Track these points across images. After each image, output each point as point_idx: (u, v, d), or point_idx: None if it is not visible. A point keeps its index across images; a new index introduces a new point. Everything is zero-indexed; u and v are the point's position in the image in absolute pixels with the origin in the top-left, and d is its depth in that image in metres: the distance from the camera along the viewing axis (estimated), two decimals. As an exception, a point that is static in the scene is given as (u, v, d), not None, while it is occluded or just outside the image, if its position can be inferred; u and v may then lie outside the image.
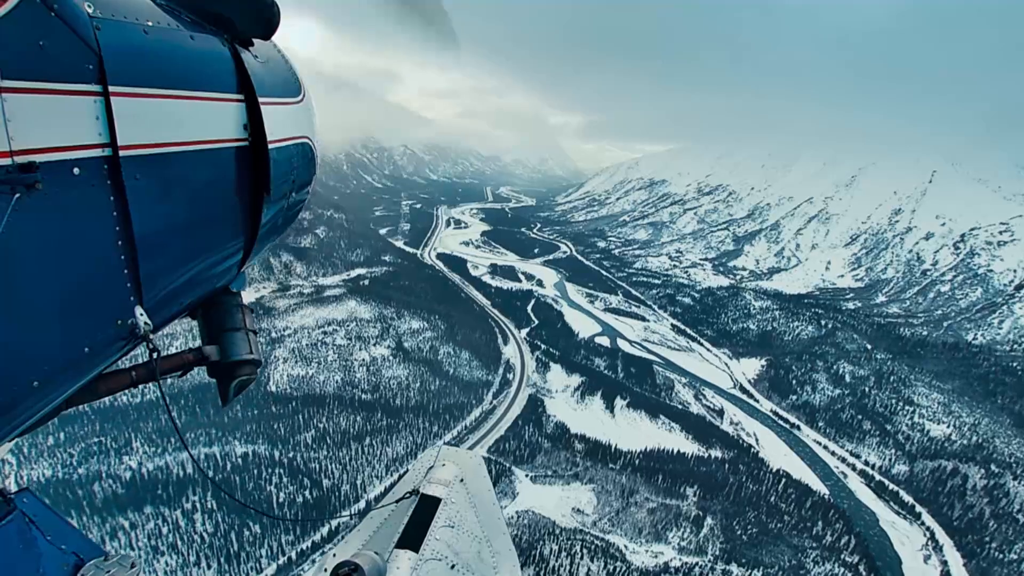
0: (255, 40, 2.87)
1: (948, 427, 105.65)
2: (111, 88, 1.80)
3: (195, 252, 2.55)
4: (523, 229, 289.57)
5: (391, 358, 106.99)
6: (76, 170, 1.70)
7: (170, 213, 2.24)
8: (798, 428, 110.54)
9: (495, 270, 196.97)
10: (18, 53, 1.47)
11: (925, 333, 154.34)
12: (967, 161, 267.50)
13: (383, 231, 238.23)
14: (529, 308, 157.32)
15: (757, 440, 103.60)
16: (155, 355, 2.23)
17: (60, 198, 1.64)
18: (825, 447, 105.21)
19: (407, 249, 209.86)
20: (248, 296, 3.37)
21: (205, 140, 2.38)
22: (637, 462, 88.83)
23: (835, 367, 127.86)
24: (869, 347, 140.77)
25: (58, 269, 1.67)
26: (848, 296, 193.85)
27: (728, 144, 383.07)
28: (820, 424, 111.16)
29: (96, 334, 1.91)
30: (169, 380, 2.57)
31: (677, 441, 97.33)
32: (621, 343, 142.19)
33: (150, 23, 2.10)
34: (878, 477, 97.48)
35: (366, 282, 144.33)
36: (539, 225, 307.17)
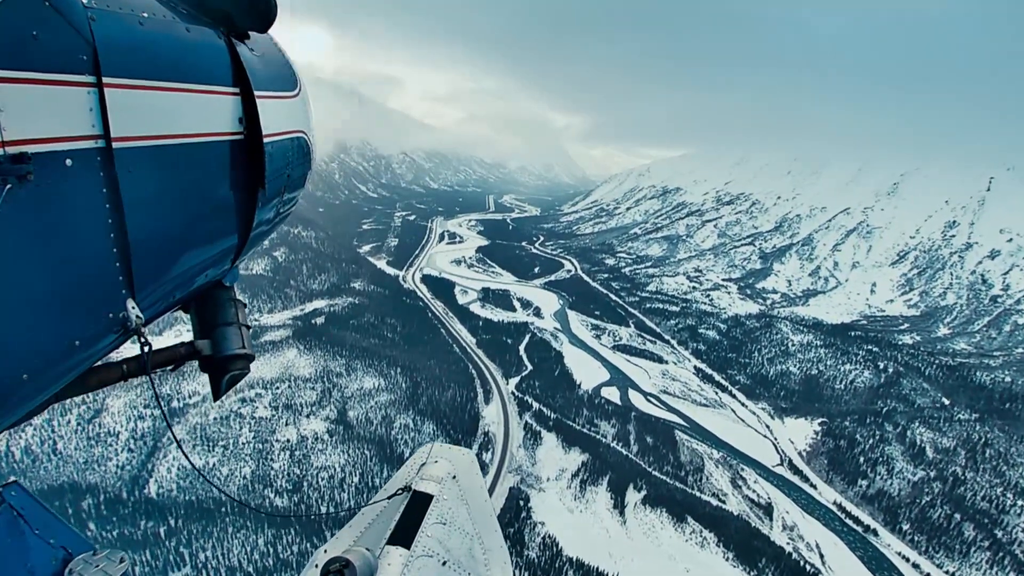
0: (251, 33, 2.84)
1: (1087, 537, 76.88)
2: (105, 79, 1.76)
3: (188, 246, 2.53)
4: (524, 243, 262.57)
5: (326, 437, 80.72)
6: (69, 161, 1.66)
7: (163, 206, 2.22)
8: (875, 533, 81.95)
9: (487, 296, 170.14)
10: (11, 43, 1.45)
11: (1008, 380, 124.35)
12: (1022, 165, 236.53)
13: (366, 248, 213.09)
14: (522, 347, 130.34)
15: (822, 557, 75.49)
16: (147, 349, 2.21)
17: (52, 190, 1.61)
18: (916, 565, 76.73)
19: (388, 271, 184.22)
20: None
21: (200, 133, 2.37)
22: (658, 613, 61.62)
23: (909, 434, 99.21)
24: (946, 401, 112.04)
25: (49, 261, 1.64)
26: (902, 327, 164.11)
27: (746, 148, 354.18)
28: (904, 527, 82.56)
29: (87, 327, 1.86)
30: (160, 373, 2.65)
31: (713, 564, 69.83)
32: (634, 397, 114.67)
33: (145, 14, 2.07)
34: (1001, 621, 69.19)
35: (320, 320, 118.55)
36: (542, 239, 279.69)
